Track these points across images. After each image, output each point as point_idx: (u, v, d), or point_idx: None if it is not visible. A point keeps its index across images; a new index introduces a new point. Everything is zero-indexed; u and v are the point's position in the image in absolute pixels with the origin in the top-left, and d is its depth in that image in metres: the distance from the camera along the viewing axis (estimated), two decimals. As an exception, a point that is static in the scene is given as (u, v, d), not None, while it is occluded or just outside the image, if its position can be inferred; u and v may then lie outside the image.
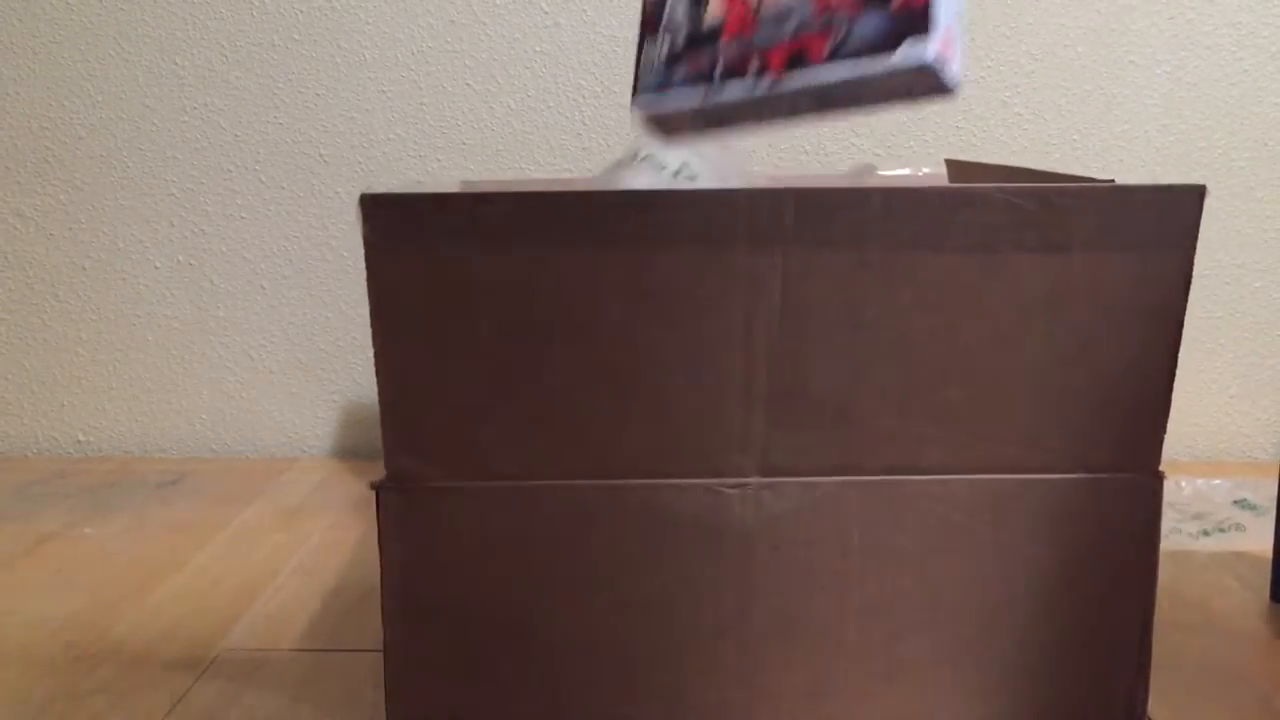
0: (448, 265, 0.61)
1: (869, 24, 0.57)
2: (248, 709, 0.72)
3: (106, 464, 1.30)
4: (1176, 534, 1.02)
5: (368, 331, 0.65)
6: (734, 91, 0.60)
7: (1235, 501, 1.11)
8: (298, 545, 1.02)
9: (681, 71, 0.64)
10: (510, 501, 0.64)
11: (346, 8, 1.25)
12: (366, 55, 1.26)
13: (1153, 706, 0.69)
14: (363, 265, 0.63)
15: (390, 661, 0.66)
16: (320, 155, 1.28)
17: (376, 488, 0.64)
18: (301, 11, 1.25)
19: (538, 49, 1.25)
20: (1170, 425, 0.63)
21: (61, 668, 0.79)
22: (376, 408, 0.63)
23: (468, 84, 1.26)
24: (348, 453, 1.34)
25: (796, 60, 0.59)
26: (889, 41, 0.56)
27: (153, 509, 1.13)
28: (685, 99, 0.63)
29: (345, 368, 1.33)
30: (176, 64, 1.27)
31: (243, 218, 1.30)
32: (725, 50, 0.62)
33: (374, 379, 0.64)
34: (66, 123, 1.29)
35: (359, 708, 0.72)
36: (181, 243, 1.30)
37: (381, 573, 0.65)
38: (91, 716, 0.72)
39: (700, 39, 0.64)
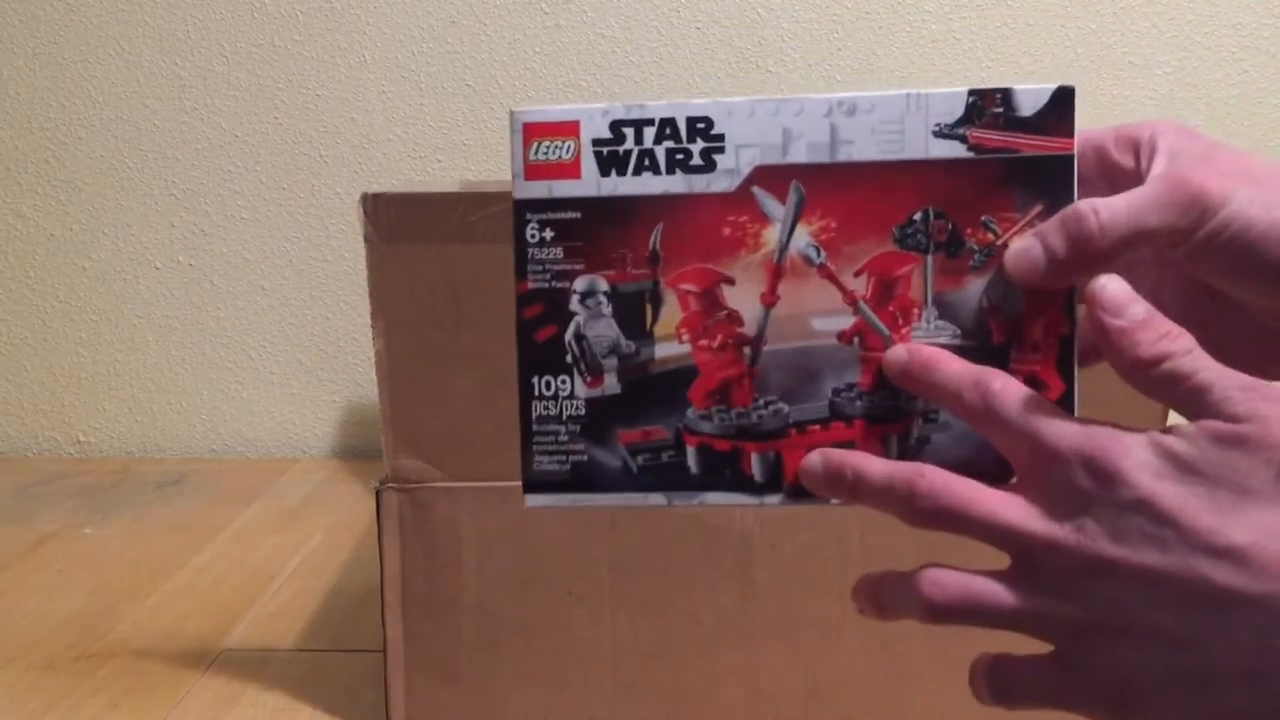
0: (448, 265, 0.62)
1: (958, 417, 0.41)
2: (248, 709, 0.72)
3: (107, 464, 1.30)
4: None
5: (368, 331, 0.65)
6: (720, 499, 0.43)
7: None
8: (298, 545, 1.02)
9: (609, 450, 0.44)
10: (510, 501, 0.64)
11: (346, 8, 1.25)
12: (366, 55, 1.26)
13: (1153, 706, 0.69)
14: (363, 265, 0.63)
15: (390, 661, 0.66)
16: (320, 155, 1.28)
17: (377, 488, 0.64)
18: (301, 11, 1.25)
19: (538, 49, 1.25)
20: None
21: (62, 668, 0.78)
22: (376, 408, 0.63)
23: (468, 84, 1.26)
24: (348, 453, 1.34)
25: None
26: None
27: (153, 509, 1.13)
28: (633, 498, 0.44)
29: (345, 368, 1.33)
30: (177, 64, 1.27)
31: (243, 218, 1.30)
32: (697, 421, 0.43)
33: (374, 379, 0.64)
34: (67, 123, 1.29)
35: (359, 708, 0.72)
36: (182, 243, 1.30)
37: (381, 573, 0.65)
38: (92, 717, 0.72)
39: (644, 386, 0.43)
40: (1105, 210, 0.38)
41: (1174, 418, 0.37)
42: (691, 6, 1.24)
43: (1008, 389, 0.39)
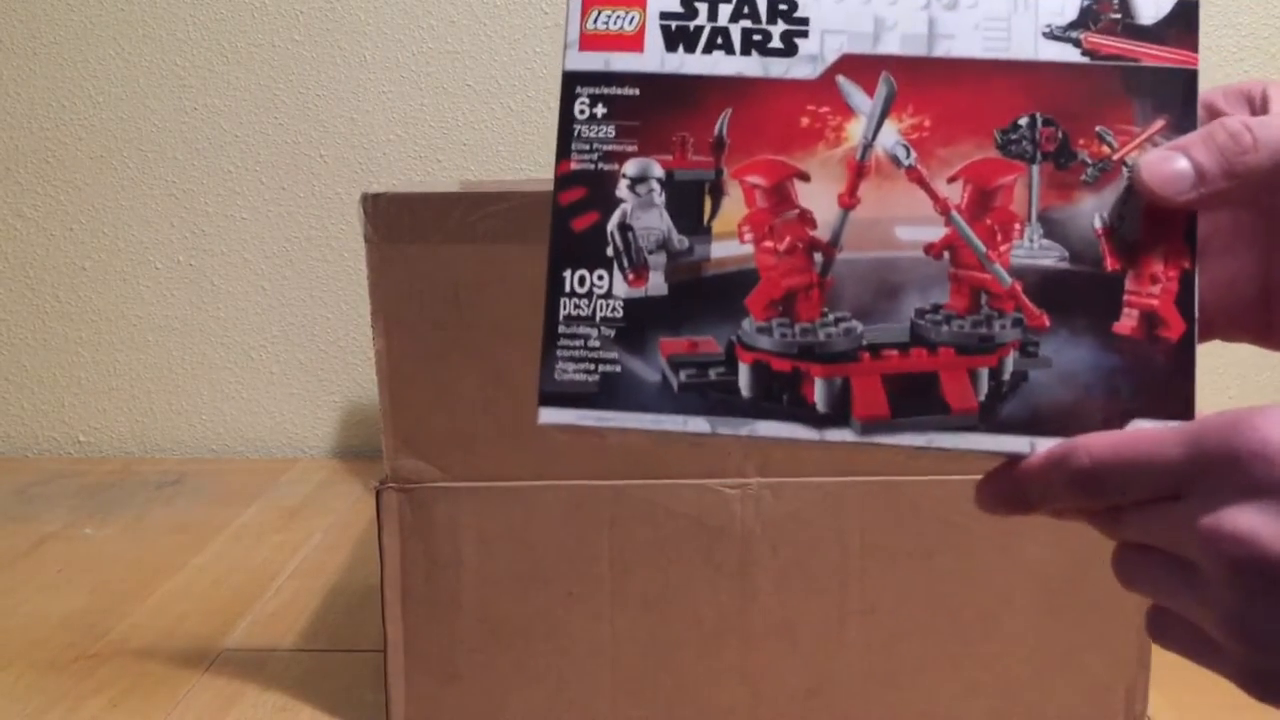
0: (448, 265, 0.61)
1: (1075, 355, 0.37)
2: (248, 709, 0.72)
3: (107, 464, 1.30)
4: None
5: (368, 332, 0.65)
6: (774, 430, 0.37)
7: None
8: (298, 545, 1.02)
9: (647, 361, 0.38)
10: (510, 501, 0.64)
11: (346, 8, 1.25)
12: (366, 55, 1.26)
13: (1153, 706, 0.69)
14: (363, 265, 0.63)
15: (390, 661, 0.66)
16: (320, 155, 1.28)
17: (377, 488, 0.64)
18: (301, 11, 1.25)
19: (538, 49, 1.25)
20: (1170, 425, 0.63)
21: (62, 668, 0.78)
22: (376, 408, 0.63)
23: (468, 84, 1.26)
24: (348, 453, 1.34)
25: (908, 395, 0.37)
26: (1127, 402, 0.36)
27: (153, 509, 1.13)
28: (670, 421, 0.38)
29: (345, 368, 1.33)
30: (177, 64, 1.27)
31: (243, 218, 1.30)
32: (754, 335, 0.38)
33: (374, 379, 0.64)
34: (67, 123, 1.29)
35: (359, 708, 0.72)
36: (182, 243, 1.30)
37: (381, 572, 0.65)
38: (92, 716, 0.72)
39: (694, 290, 0.38)
40: (1258, 124, 0.35)
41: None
42: (692, 6, 1.23)
43: (1092, 448, 0.34)
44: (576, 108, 0.39)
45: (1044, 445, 0.36)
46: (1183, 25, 0.38)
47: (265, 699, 0.74)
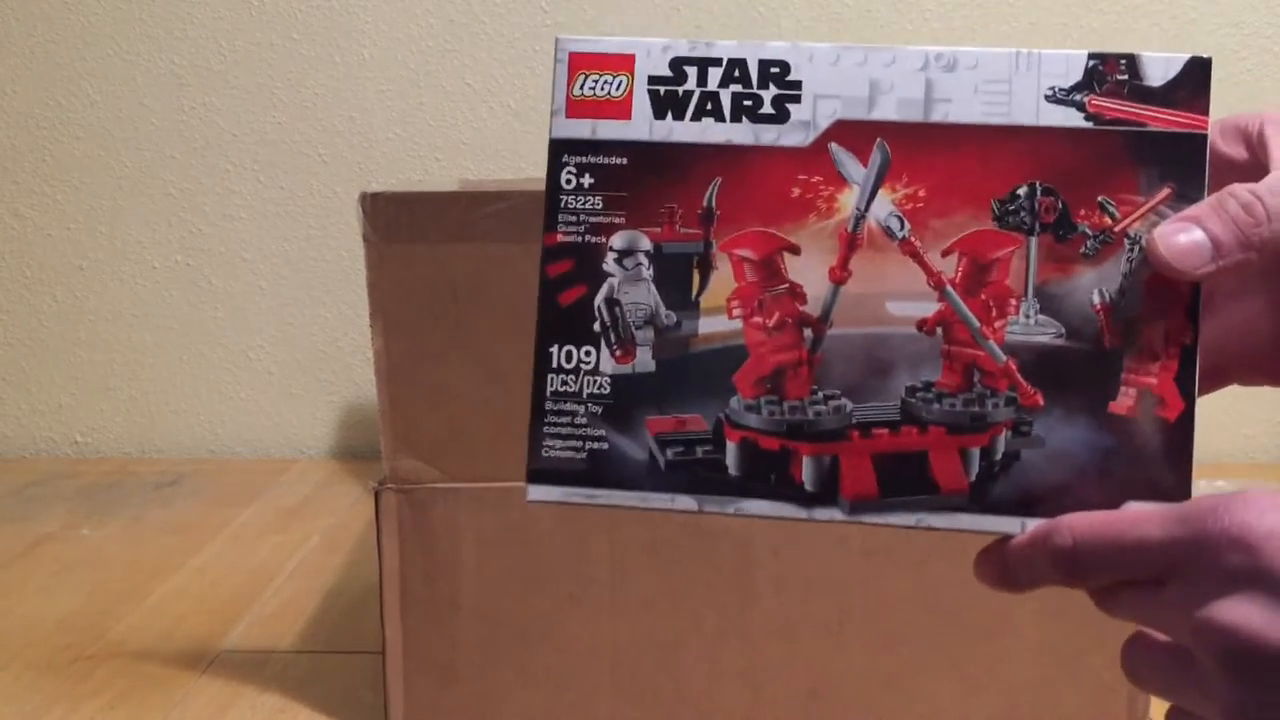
0: (447, 265, 0.61)
1: (1069, 435, 0.35)
2: (246, 710, 0.72)
3: (105, 465, 1.30)
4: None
5: (367, 332, 0.65)
6: (761, 509, 0.37)
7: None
8: (297, 546, 1.02)
9: (634, 439, 0.37)
10: (510, 501, 0.64)
11: (346, 8, 1.25)
12: (365, 55, 1.26)
13: (1155, 708, 0.68)
14: (362, 265, 0.63)
15: (389, 663, 0.66)
16: (319, 155, 1.28)
17: (375, 489, 0.64)
18: (300, 11, 1.25)
19: (537, 49, 1.25)
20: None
21: (59, 669, 0.78)
22: (375, 408, 0.63)
23: (468, 84, 1.26)
24: (347, 453, 1.34)
25: (897, 475, 0.36)
26: (1122, 484, 0.35)
27: (151, 510, 1.13)
28: (658, 499, 0.37)
29: (344, 368, 1.32)
30: (174, 64, 1.27)
31: (241, 218, 1.29)
32: (742, 413, 0.37)
33: (373, 379, 0.63)
34: (64, 122, 1.28)
35: (358, 709, 0.72)
36: (180, 243, 1.30)
37: (380, 573, 0.65)
38: (89, 717, 0.71)
39: (682, 367, 0.37)
40: (1268, 193, 0.34)
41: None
42: (692, 5, 1.23)
43: (1074, 528, 0.34)
44: (563, 177, 0.38)
45: (1035, 526, 0.35)
46: (1193, 86, 0.36)
47: (263, 700, 0.73)
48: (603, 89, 0.38)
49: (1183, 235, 0.34)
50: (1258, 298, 0.38)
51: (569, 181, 0.38)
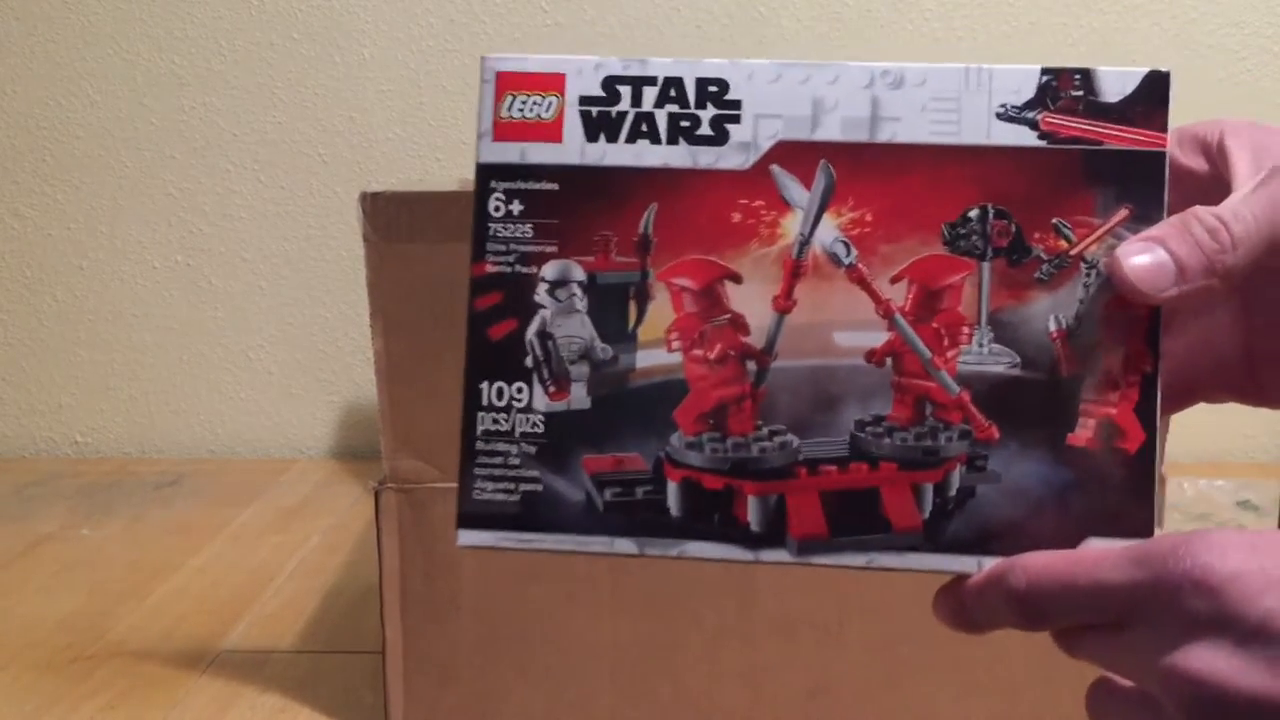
0: (447, 265, 0.61)
1: (1026, 469, 0.34)
2: (246, 710, 0.72)
3: (104, 465, 1.30)
4: (1178, 535, 1.01)
5: (366, 332, 0.65)
6: (705, 551, 0.35)
7: (1238, 502, 1.11)
8: (296, 546, 1.02)
9: (570, 480, 0.36)
10: (510, 502, 0.64)
11: (346, 7, 1.25)
12: (365, 54, 1.26)
13: (1155, 708, 0.68)
14: (362, 265, 0.63)
15: (389, 663, 0.66)
16: (319, 155, 1.28)
17: (375, 488, 0.64)
18: (300, 11, 1.25)
19: (537, 49, 1.25)
20: (1172, 426, 0.63)
21: (59, 669, 0.78)
22: (375, 408, 0.63)
23: (467, 84, 1.26)
24: (346, 453, 1.34)
25: (847, 513, 0.35)
26: (1081, 519, 0.34)
27: (151, 510, 1.13)
28: (596, 542, 0.36)
29: (344, 368, 1.32)
30: (175, 63, 1.27)
31: (241, 218, 1.29)
32: (683, 451, 0.35)
33: (373, 379, 0.63)
34: (64, 122, 1.28)
35: (358, 709, 0.72)
36: (180, 243, 1.30)
37: (380, 573, 0.65)
38: (89, 718, 0.71)
39: (619, 403, 0.36)
40: (1233, 218, 0.32)
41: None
42: (692, 5, 1.23)
43: (1029, 569, 0.33)
44: (491, 204, 0.36)
45: (991, 565, 0.34)
46: (1152, 101, 0.34)
47: (263, 700, 0.73)
48: (532, 110, 0.36)
49: (1146, 256, 0.33)
50: (1222, 315, 0.36)
51: (497, 209, 0.36)
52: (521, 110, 0.36)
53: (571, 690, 0.66)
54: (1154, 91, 0.35)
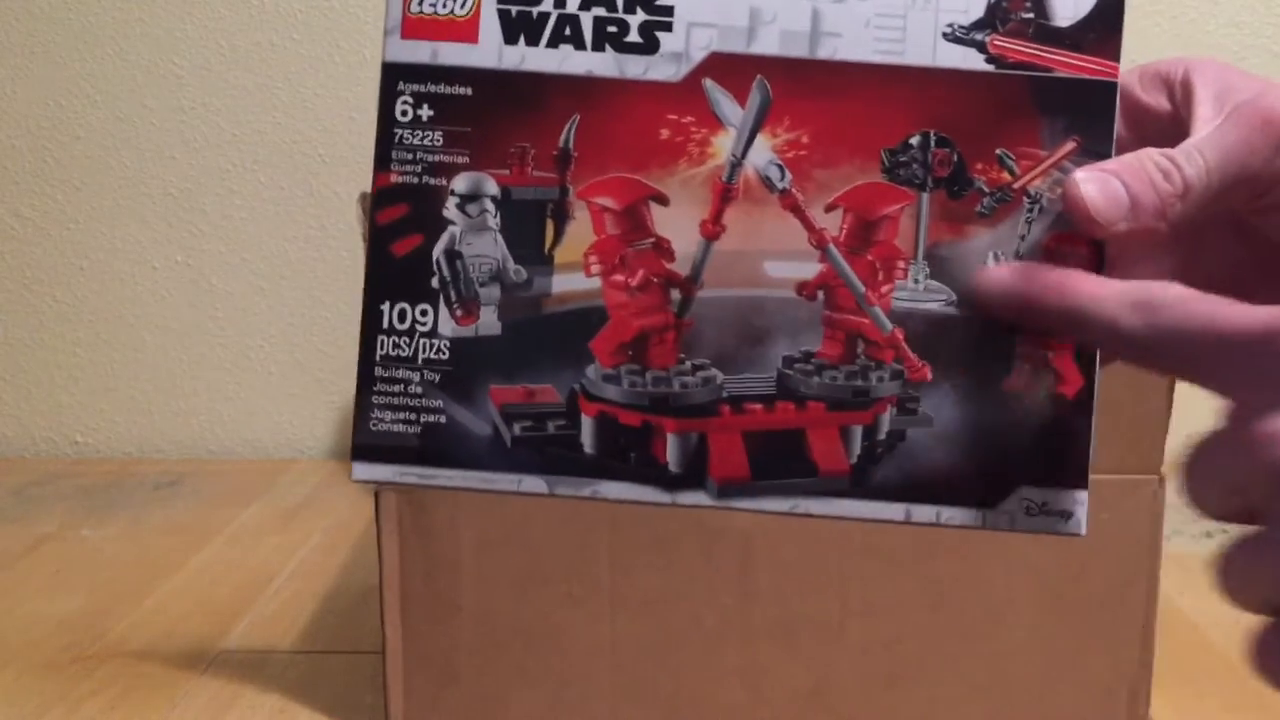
0: (447, 264, 0.61)
1: (959, 414, 0.33)
2: (246, 710, 0.72)
3: (104, 465, 1.30)
4: (1179, 536, 1.02)
5: (366, 331, 0.64)
6: (620, 492, 0.33)
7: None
8: (296, 546, 1.02)
9: (477, 411, 0.33)
10: (510, 501, 0.64)
11: (346, 7, 1.25)
12: (366, 54, 1.26)
13: (1155, 708, 0.68)
14: (362, 266, 0.63)
15: (389, 663, 0.66)
16: (319, 155, 1.28)
17: (375, 489, 0.64)
18: (300, 11, 1.25)
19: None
20: (1173, 426, 0.63)
21: (59, 669, 0.78)
22: (375, 408, 0.63)
23: (467, 84, 1.26)
24: (346, 453, 1.33)
25: (771, 455, 0.33)
26: (1014, 468, 0.32)
27: (151, 510, 1.13)
28: (503, 480, 0.33)
29: (344, 369, 1.32)
30: (174, 63, 1.27)
31: (241, 218, 1.29)
32: (599, 383, 0.33)
33: (373, 379, 0.63)
34: (64, 122, 1.28)
35: (358, 709, 0.72)
36: (179, 243, 1.30)
37: (380, 574, 0.65)
38: (89, 718, 0.71)
39: (532, 330, 0.33)
40: (1186, 161, 0.31)
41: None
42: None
43: (1170, 294, 0.29)
44: (398, 108, 0.33)
45: (921, 513, 0.32)
46: (1104, 28, 0.33)
47: (263, 700, 0.73)
48: (444, 6, 0.33)
49: (1101, 185, 0.31)
50: (1164, 262, 0.35)
51: (404, 113, 0.33)
52: (434, 6, 0.33)
53: (571, 690, 0.66)
54: (1107, 17, 0.34)
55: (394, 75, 0.33)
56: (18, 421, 1.35)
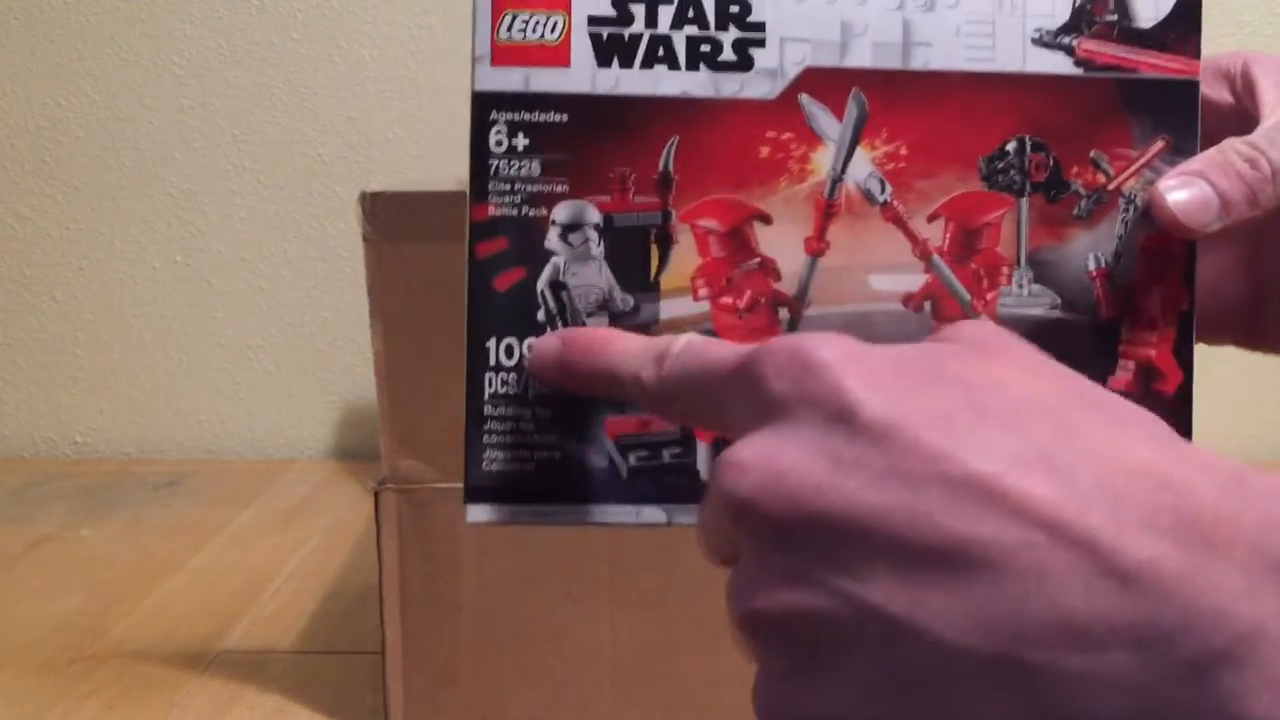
0: (447, 264, 0.61)
1: None
2: (245, 711, 0.72)
3: (104, 465, 1.30)
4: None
5: (367, 332, 0.65)
6: None
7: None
8: (296, 547, 1.02)
9: (592, 445, 0.33)
10: (510, 502, 0.64)
11: (346, 7, 1.25)
12: (365, 54, 1.26)
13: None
14: (362, 266, 0.63)
15: (388, 663, 0.66)
16: (319, 155, 1.28)
17: (375, 489, 0.64)
18: (300, 11, 1.25)
19: (537, 48, 1.25)
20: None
21: (58, 670, 0.78)
22: (375, 409, 0.63)
23: (467, 83, 1.26)
24: (346, 454, 1.34)
25: None
26: None
27: (150, 510, 1.13)
28: (622, 512, 0.33)
29: (344, 369, 1.32)
30: (174, 63, 1.27)
31: (241, 218, 1.29)
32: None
33: (372, 380, 0.63)
34: (64, 122, 1.28)
35: (357, 709, 0.72)
36: (179, 243, 1.30)
37: (380, 574, 0.65)
38: (88, 718, 0.71)
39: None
40: (1269, 145, 0.32)
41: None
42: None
43: (679, 343, 0.28)
44: (492, 138, 0.34)
45: None
46: (1183, 27, 0.33)
47: (263, 701, 0.73)
48: (534, 31, 0.33)
49: (1190, 190, 0.32)
50: (1228, 254, 0.36)
51: (499, 143, 0.34)
52: (523, 31, 0.33)
53: (572, 690, 0.66)
54: (1186, 17, 0.33)
55: (486, 104, 0.34)
56: (17, 421, 1.35)
